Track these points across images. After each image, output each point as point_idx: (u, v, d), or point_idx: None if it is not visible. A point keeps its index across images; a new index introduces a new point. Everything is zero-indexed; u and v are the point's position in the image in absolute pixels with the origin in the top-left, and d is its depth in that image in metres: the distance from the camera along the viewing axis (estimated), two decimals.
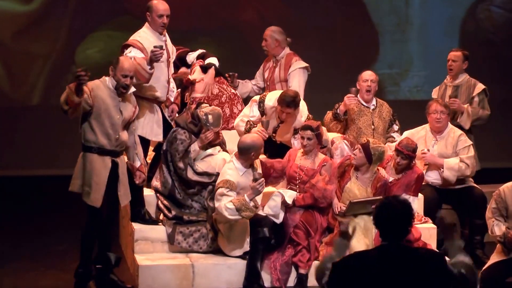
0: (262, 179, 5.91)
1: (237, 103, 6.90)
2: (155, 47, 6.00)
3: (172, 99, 6.48)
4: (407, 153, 6.31)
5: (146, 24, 6.31)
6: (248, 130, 6.51)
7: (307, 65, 7.18)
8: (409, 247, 3.76)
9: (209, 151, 6.37)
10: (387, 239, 3.70)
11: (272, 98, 6.60)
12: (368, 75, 6.94)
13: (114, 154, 5.83)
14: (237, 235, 6.09)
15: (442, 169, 6.64)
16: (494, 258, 6.04)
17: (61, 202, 7.71)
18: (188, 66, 6.88)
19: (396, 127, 7.01)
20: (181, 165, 6.23)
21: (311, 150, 6.26)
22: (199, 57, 6.87)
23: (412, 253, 3.69)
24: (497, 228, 5.96)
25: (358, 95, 6.96)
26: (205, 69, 6.79)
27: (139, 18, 6.54)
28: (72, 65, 9.26)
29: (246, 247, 6.06)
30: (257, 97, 6.69)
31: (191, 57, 6.88)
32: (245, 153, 6.04)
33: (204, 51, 6.92)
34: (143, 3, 6.36)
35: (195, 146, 6.30)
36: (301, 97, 6.90)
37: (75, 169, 5.80)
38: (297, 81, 7.08)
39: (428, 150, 6.64)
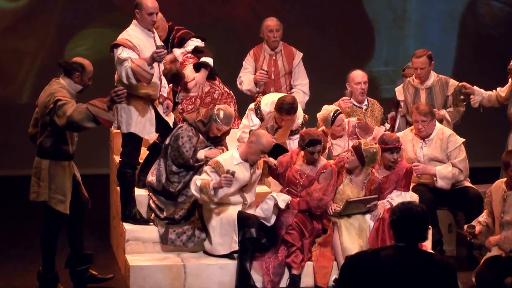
0: (231, 176, 5.99)
1: (230, 102, 7.01)
2: (158, 47, 6.14)
3: (165, 95, 6.61)
4: (398, 145, 6.42)
5: (134, 21, 6.40)
6: None
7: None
8: (425, 251, 3.86)
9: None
10: (404, 242, 3.79)
11: (267, 103, 6.70)
12: (360, 77, 7.03)
13: (73, 157, 6.02)
14: (222, 232, 6.22)
15: (435, 179, 6.72)
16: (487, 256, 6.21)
17: None
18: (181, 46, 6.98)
19: (387, 125, 7.11)
20: (191, 162, 6.37)
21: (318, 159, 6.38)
22: (195, 51, 6.98)
23: (427, 257, 3.78)
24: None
25: (352, 97, 7.05)
26: (198, 67, 6.93)
27: (129, 15, 6.57)
28: None
29: (234, 246, 6.19)
30: (252, 105, 6.80)
31: (191, 44, 6.96)
32: (248, 141, 6.19)
33: (203, 45, 6.99)
34: (133, 0, 6.45)
35: (200, 154, 6.46)
36: (308, 87, 7.17)
37: (41, 178, 5.85)
38: (304, 71, 7.29)
39: (418, 163, 6.68)
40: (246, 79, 7.21)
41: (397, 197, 6.41)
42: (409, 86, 7.23)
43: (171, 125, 6.58)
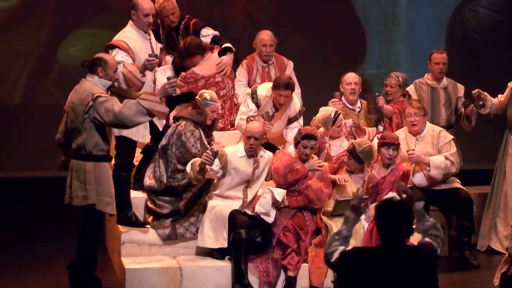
0: (209, 153, 5.92)
1: (234, 112, 6.97)
2: (150, 55, 6.08)
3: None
4: (395, 141, 6.41)
5: (130, 22, 6.33)
6: None
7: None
8: (410, 246, 3.81)
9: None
10: (389, 239, 3.75)
11: (264, 89, 6.72)
12: (351, 78, 7.03)
13: (111, 158, 5.91)
14: (213, 226, 6.14)
15: (428, 168, 6.69)
16: (504, 266, 5.98)
17: (45, 205, 7.71)
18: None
19: (381, 128, 7.09)
20: (199, 155, 6.23)
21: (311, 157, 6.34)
22: (214, 41, 6.99)
23: (412, 252, 3.74)
24: None
25: (343, 98, 7.04)
26: (222, 53, 6.94)
27: (123, 16, 6.60)
28: (54, 64, 9.18)
29: (224, 243, 6.10)
30: (248, 91, 6.81)
31: (207, 32, 7.00)
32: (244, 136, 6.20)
33: (218, 34, 7.06)
34: (126, 1, 6.38)
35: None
36: (300, 96, 7.14)
37: (87, 181, 5.67)
38: (296, 81, 7.22)
39: (413, 149, 6.70)
40: (241, 92, 7.19)
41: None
42: (422, 85, 7.21)
43: (160, 129, 6.48)
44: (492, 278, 5.57)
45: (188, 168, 6.08)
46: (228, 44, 6.97)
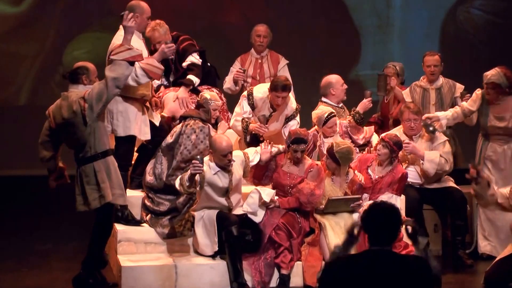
0: (197, 162, 5.67)
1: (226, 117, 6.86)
2: (166, 42, 6.01)
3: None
4: (391, 144, 6.25)
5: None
6: (245, 128, 6.48)
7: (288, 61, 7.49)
8: (397, 254, 3.68)
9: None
10: (376, 244, 3.61)
11: (260, 90, 6.58)
12: (340, 78, 6.89)
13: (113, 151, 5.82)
14: (206, 234, 5.99)
15: (422, 162, 6.55)
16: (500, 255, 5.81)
17: (44, 202, 7.61)
18: (178, 69, 6.78)
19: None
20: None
21: (302, 159, 6.18)
22: (188, 68, 6.75)
23: (399, 260, 3.61)
24: None
25: (329, 100, 6.86)
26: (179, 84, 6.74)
27: None
28: (59, 66, 9.14)
29: (215, 247, 5.94)
30: (245, 92, 6.67)
31: (188, 60, 6.74)
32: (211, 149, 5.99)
33: (199, 62, 6.74)
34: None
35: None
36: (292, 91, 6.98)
37: (100, 180, 5.52)
38: (288, 75, 7.24)
39: (409, 142, 6.56)
40: (227, 79, 7.21)
41: (388, 200, 6.20)
42: (416, 87, 7.12)
43: (157, 124, 6.30)
44: None
45: (177, 184, 5.82)
46: (190, 77, 6.63)
